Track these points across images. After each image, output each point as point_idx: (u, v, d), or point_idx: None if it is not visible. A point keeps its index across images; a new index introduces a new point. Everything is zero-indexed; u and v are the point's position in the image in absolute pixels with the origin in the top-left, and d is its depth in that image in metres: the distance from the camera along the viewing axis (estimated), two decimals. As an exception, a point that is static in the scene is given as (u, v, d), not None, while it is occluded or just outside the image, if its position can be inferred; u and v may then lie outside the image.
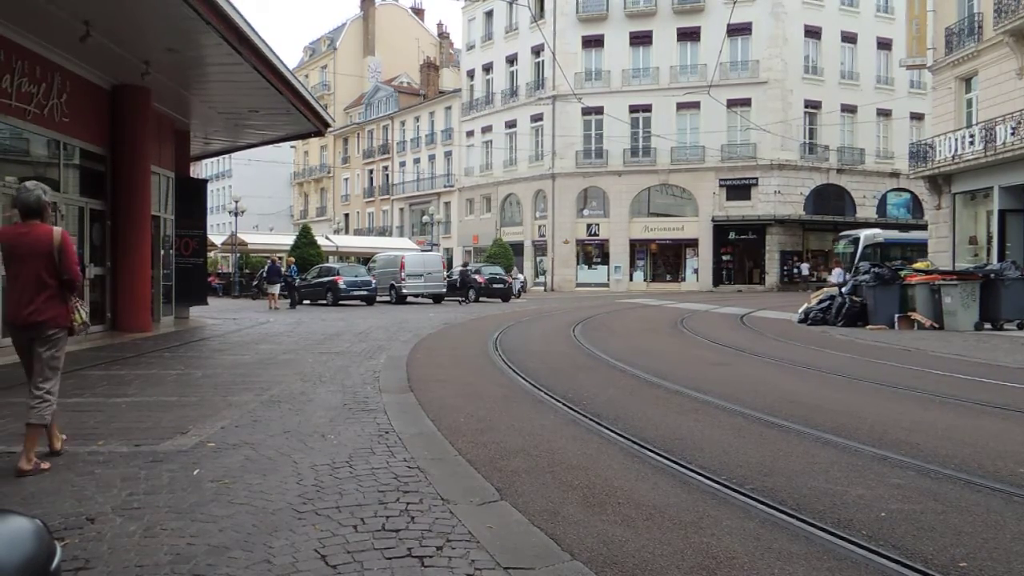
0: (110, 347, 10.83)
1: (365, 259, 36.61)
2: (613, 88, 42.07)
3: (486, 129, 49.49)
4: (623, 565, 3.43)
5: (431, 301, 29.85)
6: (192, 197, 18.37)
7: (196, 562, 3.32)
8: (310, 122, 17.03)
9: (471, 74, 51.08)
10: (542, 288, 43.60)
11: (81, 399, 7.30)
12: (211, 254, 35.62)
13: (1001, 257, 20.34)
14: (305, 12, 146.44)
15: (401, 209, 58.61)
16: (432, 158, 55.38)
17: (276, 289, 25.53)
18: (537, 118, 45.23)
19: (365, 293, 27.68)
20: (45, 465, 4.80)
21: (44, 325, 4.90)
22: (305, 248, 36.59)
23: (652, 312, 23.33)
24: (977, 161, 21.57)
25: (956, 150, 22.69)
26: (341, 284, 27.19)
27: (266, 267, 27.62)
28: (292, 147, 67.35)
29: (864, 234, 35.23)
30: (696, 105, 39.53)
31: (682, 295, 35.60)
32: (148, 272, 14.91)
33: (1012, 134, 20.00)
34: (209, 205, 21.43)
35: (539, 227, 45.44)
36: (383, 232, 58.90)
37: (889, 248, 35.34)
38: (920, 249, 37.08)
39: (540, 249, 45.50)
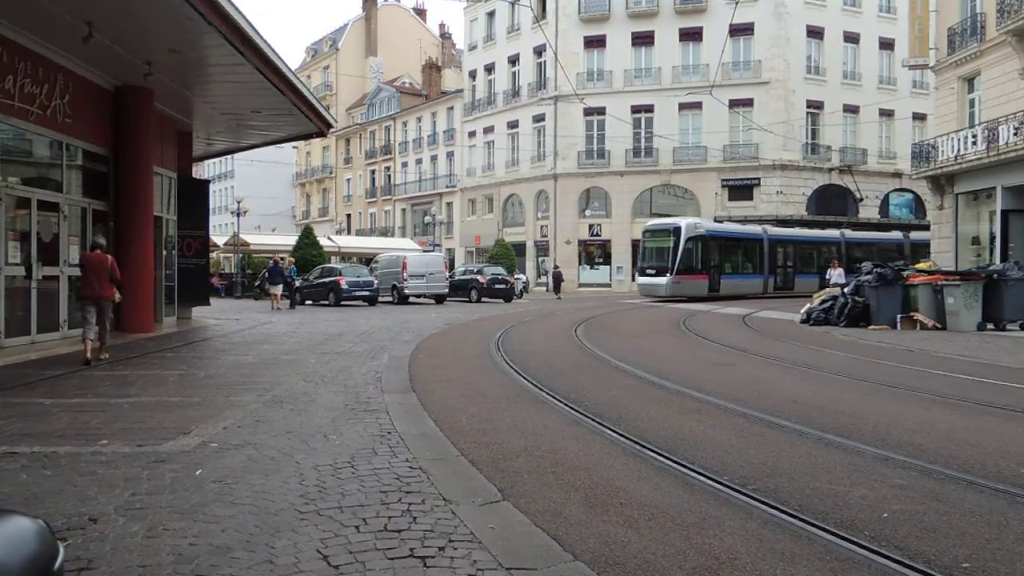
0: (113, 348, 10.86)
1: (367, 260, 36.64)
2: (615, 88, 42.06)
3: (488, 129, 49.50)
4: (625, 566, 3.43)
5: (433, 302, 29.86)
6: (194, 198, 18.38)
7: (198, 562, 3.33)
8: (312, 123, 17.04)
9: (473, 74, 51.09)
10: (544, 288, 43.61)
11: (84, 399, 7.31)
12: (213, 255, 35.69)
13: (1004, 257, 20.31)
14: (307, 13, 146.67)
15: (403, 210, 58.63)
16: (434, 158, 55.40)
17: (279, 290, 25.53)
18: (539, 118, 45.24)
19: (367, 294, 27.70)
20: (104, 355, 10.11)
21: (105, 298, 10.17)
22: (307, 248, 36.61)
23: (654, 312, 23.31)
24: (980, 161, 21.53)
25: (959, 150, 22.64)
26: (343, 284, 27.21)
27: (268, 268, 27.64)
28: (294, 148, 67.44)
29: (686, 224, 29.69)
30: (698, 105, 39.51)
31: (684, 295, 35.49)
32: (151, 273, 14.93)
33: (1015, 134, 19.96)
34: (211, 206, 21.45)
35: (541, 227, 45.43)
36: (385, 232, 58.93)
37: (712, 243, 30.15)
38: (748, 246, 32.12)
39: (542, 249, 45.50)
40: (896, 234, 37.17)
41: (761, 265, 32.62)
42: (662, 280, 29.27)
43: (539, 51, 44.86)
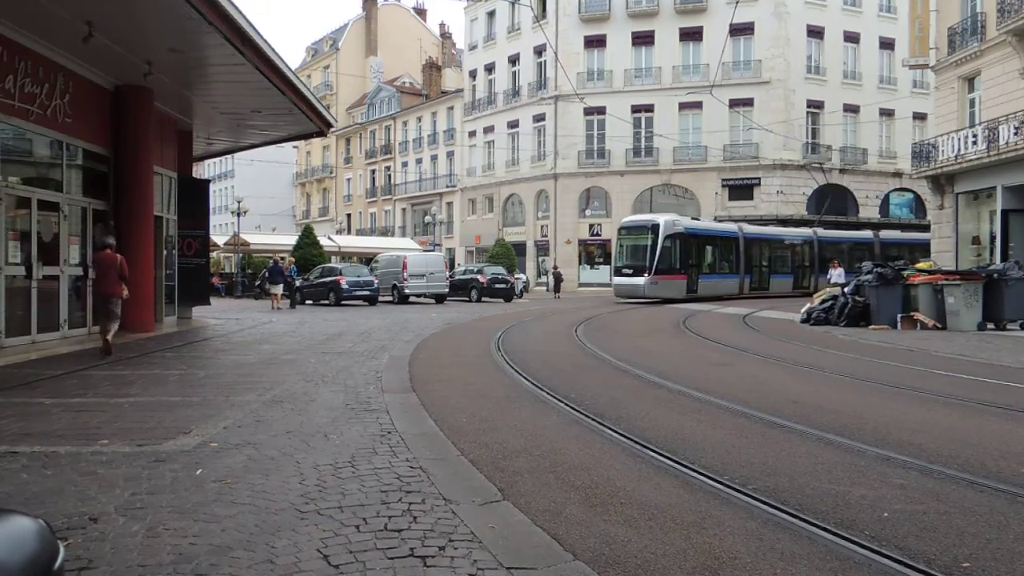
0: (113, 347, 10.85)
1: (367, 259, 36.64)
2: (615, 88, 42.05)
3: (488, 129, 49.49)
4: (625, 565, 3.43)
5: (433, 301, 29.87)
6: (195, 197, 18.38)
7: (199, 562, 3.33)
8: (312, 122, 17.04)
9: (473, 74, 51.09)
10: (544, 288, 43.62)
11: (84, 399, 7.31)
12: (214, 254, 35.70)
13: (1004, 257, 20.31)
14: (307, 12, 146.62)
15: (403, 209, 58.63)
16: (434, 158, 55.40)
17: (279, 289, 25.54)
18: (539, 118, 45.24)
19: (367, 293, 27.70)
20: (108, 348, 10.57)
21: (114, 294, 10.77)
22: (307, 248, 36.62)
23: (654, 312, 23.31)
24: (980, 161, 21.52)
25: (959, 150, 22.63)
26: (344, 284, 27.22)
27: (269, 267, 27.66)
28: (294, 147, 67.41)
29: (664, 221, 28.15)
30: (698, 105, 39.51)
31: (684, 295, 35.48)
32: (151, 272, 14.92)
33: (1015, 134, 19.94)
34: (212, 205, 21.45)
35: (541, 227, 45.43)
36: (385, 232, 58.92)
37: (690, 241, 28.83)
38: (724, 245, 31.18)
39: (542, 249, 45.50)
40: (867, 233, 37.29)
41: (737, 264, 31.98)
42: (640, 280, 27.85)
43: (539, 51, 44.85)
